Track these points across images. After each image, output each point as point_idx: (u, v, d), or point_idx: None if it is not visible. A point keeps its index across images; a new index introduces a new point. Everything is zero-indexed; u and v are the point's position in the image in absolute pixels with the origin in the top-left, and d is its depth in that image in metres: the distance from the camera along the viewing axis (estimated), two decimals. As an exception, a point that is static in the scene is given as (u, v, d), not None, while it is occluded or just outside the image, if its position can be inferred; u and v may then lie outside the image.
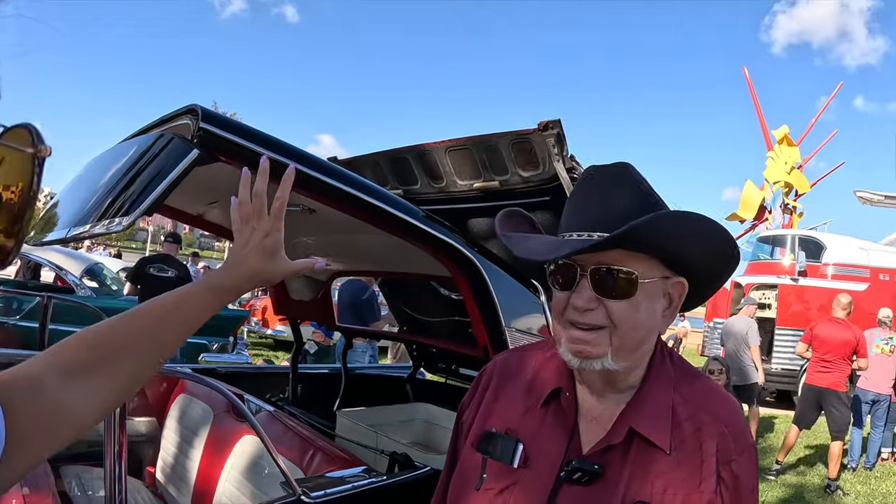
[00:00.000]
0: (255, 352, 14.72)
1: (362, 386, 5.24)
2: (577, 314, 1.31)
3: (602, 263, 1.29)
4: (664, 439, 1.33)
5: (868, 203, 18.58)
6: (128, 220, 2.03)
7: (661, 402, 1.37)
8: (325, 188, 2.62)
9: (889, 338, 9.65)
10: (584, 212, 1.33)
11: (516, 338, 3.19)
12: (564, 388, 1.43)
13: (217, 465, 3.50)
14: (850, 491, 8.64)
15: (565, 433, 1.39)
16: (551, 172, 3.38)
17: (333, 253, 4.27)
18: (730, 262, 1.38)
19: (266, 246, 1.31)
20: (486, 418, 1.51)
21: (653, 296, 1.33)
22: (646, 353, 1.40)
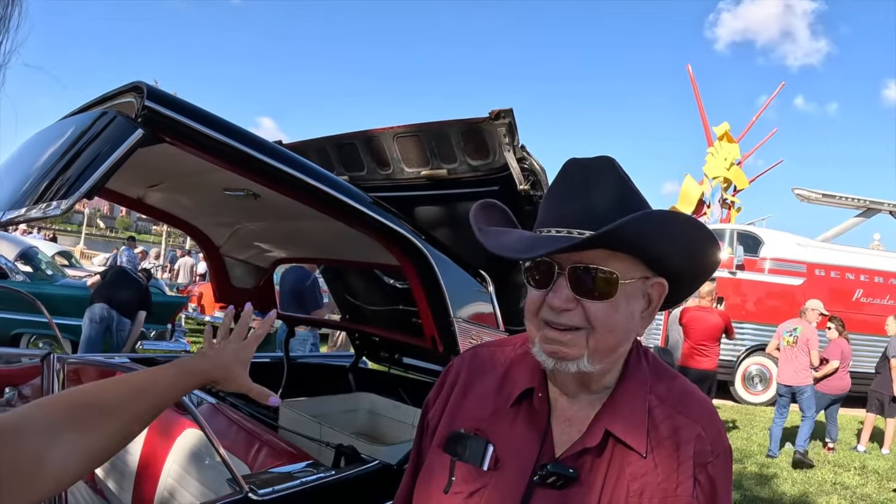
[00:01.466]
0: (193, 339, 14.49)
1: (304, 375, 5.16)
2: (554, 314, 1.26)
3: (581, 262, 1.24)
4: (641, 442, 1.29)
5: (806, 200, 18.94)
6: (66, 204, 1.93)
7: (637, 404, 1.34)
8: (271, 171, 2.53)
9: (793, 329, 10.03)
10: (565, 207, 1.27)
11: (464, 328, 3.16)
12: (537, 389, 1.38)
13: (158, 459, 3.40)
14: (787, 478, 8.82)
15: (538, 435, 1.35)
16: (501, 162, 3.36)
17: (277, 239, 4.19)
18: (711, 265, 1.35)
19: (241, 357, 1.55)
20: (453, 417, 1.45)
21: (632, 296, 1.29)
22: (622, 355, 1.36)
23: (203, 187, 3.28)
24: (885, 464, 10.34)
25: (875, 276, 16.18)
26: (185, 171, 3.01)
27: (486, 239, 1.35)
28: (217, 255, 4.36)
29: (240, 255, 4.40)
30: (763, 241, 16.11)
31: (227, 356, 1.53)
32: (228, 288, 4.55)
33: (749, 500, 7.89)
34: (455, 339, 3.11)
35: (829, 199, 18.83)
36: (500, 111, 3.19)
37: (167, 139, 2.25)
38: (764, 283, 15.68)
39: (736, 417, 13.06)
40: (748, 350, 15.43)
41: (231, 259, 4.42)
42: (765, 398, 15.44)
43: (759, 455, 10.05)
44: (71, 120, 2.48)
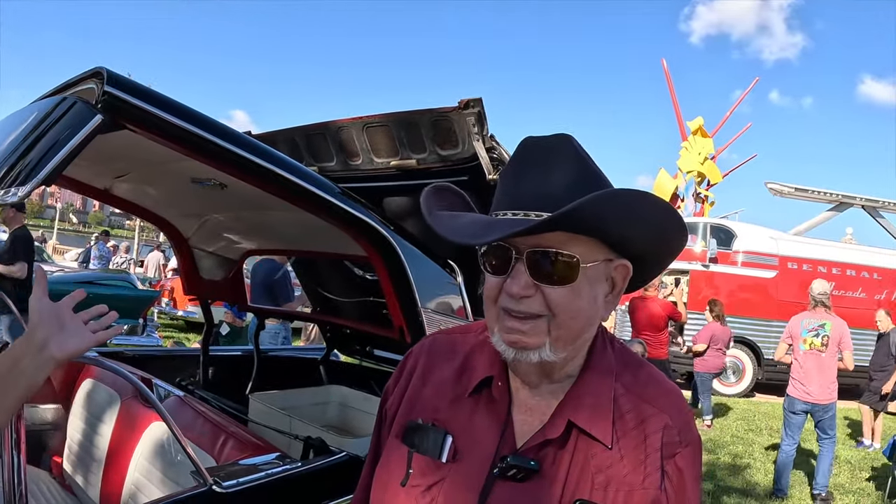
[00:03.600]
0: (165, 334, 14.38)
1: (275, 368, 5.13)
2: (512, 301, 1.19)
3: (540, 246, 1.17)
4: (605, 433, 1.24)
5: (778, 195, 19.05)
6: (24, 191, 1.90)
7: (602, 393, 1.28)
8: (236, 160, 2.50)
9: (820, 325, 7.54)
10: (521, 189, 1.20)
11: (433, 319, 3.14)
12: (496, 377, 1.32)
13: (125, 453, 3.35)
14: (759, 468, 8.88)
15: (498, 425, 1.29)
16: (470, 152, 3.34)
17: (246, 230, 4.16)
18: (678, 244, 1.28)
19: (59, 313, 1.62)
20: (411, 407, 1.40)
21: (595, 280, 1.22)
22: (586, 342, 1.30)
23: (170, 177, 3.25)
24: (858, 453, 10.46)
25: (847, 269, 16.38)
26: (152, 161, 2.98)
27: (436, 223, 1.28)
28: (186, 247, 4.32)
29: (209, 246, 4.36)
30: (736, 235, 16.25)
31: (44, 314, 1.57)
32: (198, 280, 4.51)
33: (722, 490, 7.93)
34: (423, 330, 3.09)
35: (801, 193, 18.97)
36: (469, 100, 3.17)
37: (128, 126, 2.21)
38: (737, 276, 15.82)
39: (709, 409, 13.14)
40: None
41: (200, 251, 4.38)
42: (738, 390, 15.58)
43: (732, 445, 10.14)
44: (32, 106, 2.45)
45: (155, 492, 3.01)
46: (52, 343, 1.53)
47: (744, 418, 12.43)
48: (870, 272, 16.57)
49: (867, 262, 16.68)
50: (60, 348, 1.54)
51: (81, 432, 3.87)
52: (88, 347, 1.60)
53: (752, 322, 15.80)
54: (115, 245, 24.40)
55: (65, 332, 1.57)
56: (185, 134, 2.34)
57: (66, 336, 1.56)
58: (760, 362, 15.68)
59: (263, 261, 8.24)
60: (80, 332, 1.59)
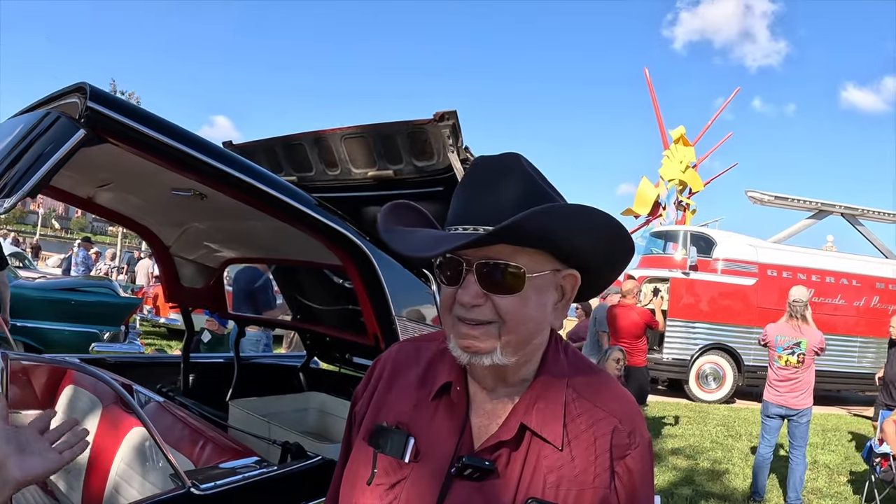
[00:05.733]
0: (147, 341, 14.39)
1: (255, 375, 5.17)
2: (464, 310, 1.28)
3: (488, 258, 1.25)
4: (556, 435, 1.32)
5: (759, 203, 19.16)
6: (9, 203, 1.98)
7: (554, 398, 1.36)
8: (214, 173, 2.58)
9: (796, 343, 7.61)
10: (471, 205, 1.29)
11: (407, 327, 3.20)
12: (455, 382, 1.40)
13: (107, 458, 3.39)
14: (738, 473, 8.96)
15: (456, 428, 1.37)
16: (445, 163, 3.40)
17: (226, 239, 4.21)
18: (622, 253, 1.36)
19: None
20: (378, 411, 1.47)
21: (543, 289, 1.31)
22: (538, 347, 1.37)
23: (151, 187, 3.31)
24: (836, 458, 10.55)
25: (826, 276, 16.49)
26: (133, 172, 3.03)
27: (390, 239, 1.37)
28: (167, 255, 4.37)
29: (189, 255, 4.41)
30: (716, 243, 16.35)
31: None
32: (178, 288, 4.56)
33: (701, 495, 8.00)
34: (397, 337, 3.15)
35: (781, 201, 19.08)
36: (444, 113, 3.24)
37: (110, 140, 2.28)
38: (717, 284, 15.91)
39: (690, 415, 13.24)
40: (702, 349, 15.65)
41: (181, 259, 4.43)
42: (718, 396, 15.69)
43: (712, 451, 10.22)
44: (16, 120, 2.52)
45: (135, 495, 3.05)
46: (10, 464, 1.50)
47: (724, 424, 12.51)
48: (849, 279, 16.69)
49: (846, 269, 16.80)
50: (21, 470, 1.51)
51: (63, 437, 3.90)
52: (54, 469, 1.58)
53: (733, 329, 15.92)
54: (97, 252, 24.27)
55: (26, 453, 1.54)
56: (165, 147, 2.42)
57: (26, 457, 1.54)
58: (741, 368, 15.79)
59: (245, 268, 8.25)
60: (44, 453, 1.57)
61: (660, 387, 16.29)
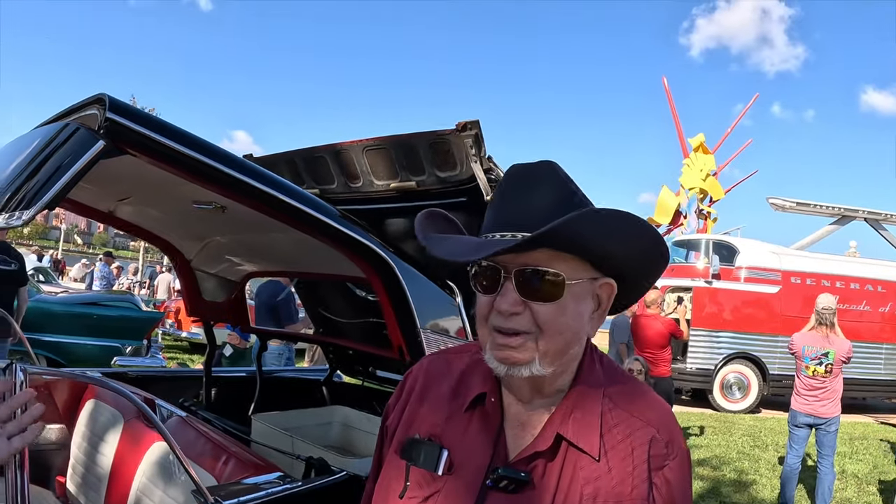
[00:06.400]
0: (169, 355, 14.40)
1: (278, 389, 5.14)
2: (502, 319, 1.25)
3: (527, 265, 1.23)
4: (593, 445, 1.29)
5: (780, 210, 19.00)
6: (28, 214, 1.95)
7: (591, 407, 1.33)
8: (236, 184, 2.56)
9: (823, 354, 7.42)
10: (507, 211, 1.28)
11: (431, 339, 3.17)
12: (489, 393, 1.37)
13: (128, 473, 3.37)
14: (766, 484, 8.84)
15: (491, 439, 1.34)
16: (468, 173, 3.37)
17: (248, 252, 4.19)
18: (658, 261, 1.35)
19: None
20: (410, 423, 1.45)
21: (580, 298, 1.29)
22: (574, 357, 1.35)
23: (172, 200, 3.29)
24: (864, 467, 10.38)
25: (851, 282, 16.31)
26: (154, 184, 3.02)
27: (430, 245, 1.35)
28: (188, 268, 4.36)
29: (211, 268, 4.40)
30: (738, 251, 16.21)
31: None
32: (200, 302, 4.55)
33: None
34: (422, 350, 3.12)
35: (803, 207, 18.93)
36: (466, 123, 3.21)
37: (129, 151, 2.26)
38: (740, 292, 15.76)
39: (714, 425, 13.11)
40: (726, 358, 15.49)
41: (202, 273, 4.42)
42: (743, 406, 15.52)
43: (738, 461, 10.10)
44: (35, 132, 2.50)
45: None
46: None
47: (750, 434, 12.37)
48: (874, 285, 16.49)
49: (871, 275, 16.61)
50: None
51: (85, 452, 3.88)
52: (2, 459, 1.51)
53: (757, 337, 15.76)
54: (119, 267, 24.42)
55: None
56: (186, 159, 2.40)
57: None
58: (766, 378, 15.63)
59: (268, 282, 8.24)
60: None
61: (684, 397, 16.15)
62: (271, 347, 7.89)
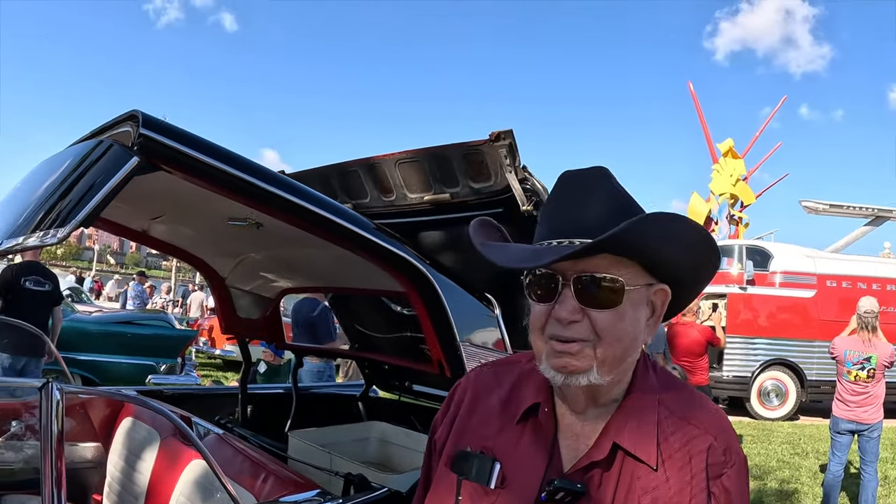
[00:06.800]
0: (203, 372, 14.45)
1: (314, 405, 5.12)
2: (560, 327, 1.23)
3: (586, 271, 1.22)
4: (650, 454, 1.26)
5: (813, 212, 18.83)
6: (63, 232, 1.92)
7: (647, 416, 1.31)
8: (273, 200, 2.53)
9: (866, 359, 7.27)
10: (562, 218, 1.26)
11: (471, 353, 3.13)
12: (542, 404, 1.35)
13: (165, 491, 3.35)
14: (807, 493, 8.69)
15: (544, 451, 1.31)
16: (503, 184, 3.34)
17: (282, 269, 4.18)
18: (712, 266, 1.33)
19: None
20: (460, 436, 1.43)
21: (637, 304, 1.27)
22: (630, 365, 1.33)
23: (206, 218, 3.28)
24: (907, 474, 10.19)
25: (888, 284, 16.02)
26: (187, 202, 3.00)
27: (489, 253, 1.34)
28: (223, 286, 4.34)
29: (245, 285, 4.39)
30: (772, 256, 16.01)
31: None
32: (235, 319, 4.53)
33: (770, 516, 7.75)
34: (462, 363, 3.08)
35: (836, 209, 18.73)
36: (499, 133, 3.18)
37: (164, 167, 2.24)
38: (775, 298, 15.56)
39: (753, 433, 12.93)
40: (762, 365, 15.28)
41: (237, 290, 4.41)
42: (781, 413, 15.28)
43: (778, 470, 9.94)
44: (69, 150, 2.49)
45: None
46: None
47: (789, 442, 12.19)
48: (912, 286, 16.21)
49: (909, 277, 16.33)
50: None
51: (121, 470, 3.87)
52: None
53: (794, 343, 15.51)
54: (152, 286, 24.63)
55: None
56: (221, 174, 2.37)
57: None
58: (804, 384, 15.38)
59: (305, 299, 8.19)
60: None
61: (720, 405, 15.95)
62: (311, 366, 7.87)
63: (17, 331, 7.36)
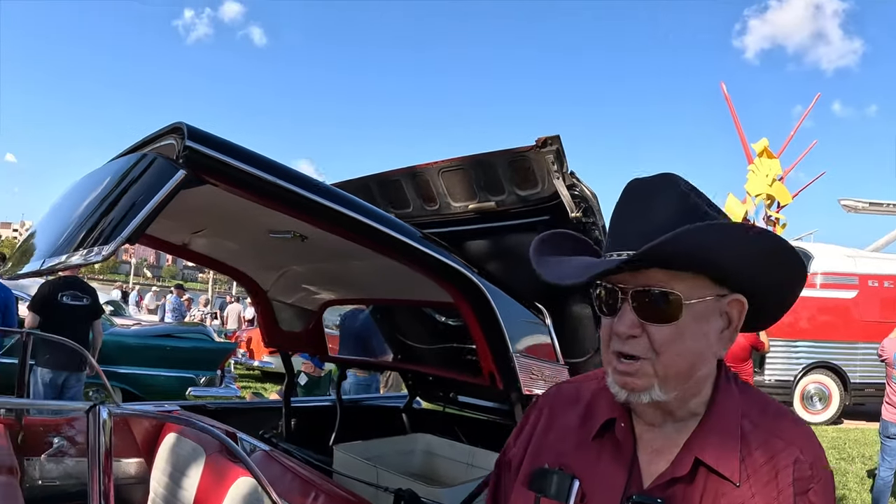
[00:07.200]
0: (242, 384, 14.48)
1: (357, 418, 5.09)
2: (620, 342, 1.21)
3: (644, 285, 1.18)
4: (733, 470, 1.21)
5: (853, 211, 18.60)
6: (108, 250, 1.85)
7: (729, 430, 1.25)
8: (322, 211, 2.48)
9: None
10: (625, 229, 1.23)
11: (523, 364, 3.06)
12: (619, 419, 1.31)
13: (212, 509, 3.32)
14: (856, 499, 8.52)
15: (624, 467, 1.27)
16: (551, 190, 3.27)
17: (326, 281, 4.14)
18: (788, 278, 1.26)
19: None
20: (537, 453, 1.40)
21: (703, 317, 1.21)
22: (704, 379, 1.27)
23: (248, 231, 3.25)
24: None
25: (932, 282, 15.76)
26: (230, 215, 2.96)
27: (540, 269, 1.32)
28: (265, 299, 4.31)
29: (288, 298, 4.35)
30: (812, 256, 15.76)
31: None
32: (277, 332, 4.50)
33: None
34: (515, 376, 3.02)
35: (876, 207, 18.48)
36: (546, 138, 3.12)
37: (210, 180, 2.19)
38: (816, 299, 15.29)
39: (797, 439, 12.72)
40: (805, 368, 15.06)
41: (279, 303, 4.37)
42: (825, 417, 15.04)
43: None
44: (112, 165, 2.44)
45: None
46: None
47: (834, 447, 11.97)
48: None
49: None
50: None
51: (165, 486, 3.84)
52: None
53: (836, 345, 15.27)
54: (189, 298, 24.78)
55: None
56: (269, 186, 2.31)
57: None
58: (847, 387, 15.12)
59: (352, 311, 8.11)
60: None
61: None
62: (358, 379, 7.83)
63: (56, 346, 7.37)
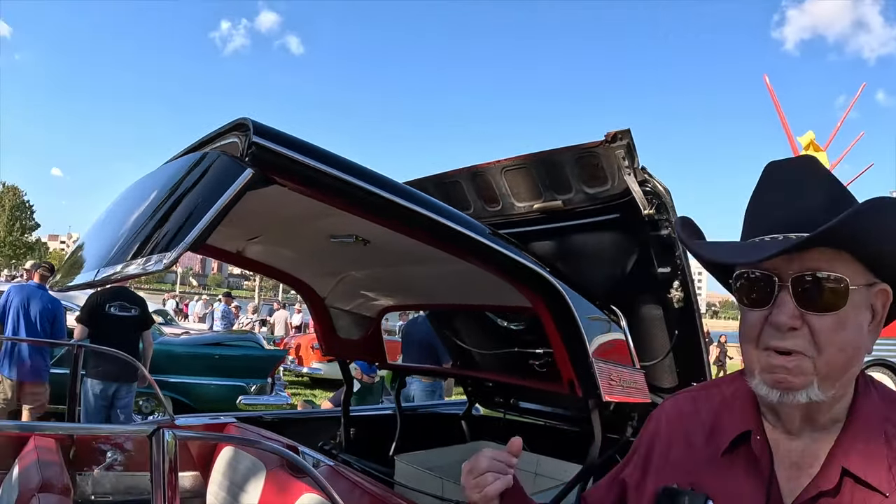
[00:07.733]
0: (292, 391, 14.45)
1: (416, 426, 4.98)
2: (778, 336, 1.10)
3: (807, 270, 1.09)
4: (883, 480, 1.10)
5: (904, 202, 18.15)
6: (170, 258, 1.62)
7: (874, 437, 1.15)
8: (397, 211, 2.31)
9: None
10: (774, 212, 1.15)
11: (603, 369, 2.91)
12: (755, 431, 1.21)
13: (276, 526, 3.20)
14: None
15: (761, 483, 1.17)
16: (622, 187, 3.15)
17: (385, 286, 4.05)
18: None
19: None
20: (661, 473, 1.32)
21: (859, 307, 1.12)
22: (852, 378, 1.17)
23: (306, 236, 3.14)
24: None
25: None
26: (288, 220, 2.85)
27: (699, 250, 1.25)
28: (322, 306, 4.21)
29: (345, 305, 4.25)
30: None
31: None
32: (335, 340, 4.39)
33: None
34: (596, 382, 2.87)
35: (927, 198, 18.01)
36: (616, 133, 2.99)
37: (278, 179, 2.02)
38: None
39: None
40: (865, 366, 14.65)
41: (336, 310, 4.26)
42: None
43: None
44: (170, 166, 2.27)
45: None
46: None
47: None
48: None
49: None
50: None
51: (224, 502, 3.73)
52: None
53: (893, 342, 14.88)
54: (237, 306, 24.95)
55: None
56: (344, 186, 2.15)
57: None
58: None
59: (419, 317, 7.98)
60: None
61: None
62: (422, 384, 7.74)
63: (105, 357, 7.35)
